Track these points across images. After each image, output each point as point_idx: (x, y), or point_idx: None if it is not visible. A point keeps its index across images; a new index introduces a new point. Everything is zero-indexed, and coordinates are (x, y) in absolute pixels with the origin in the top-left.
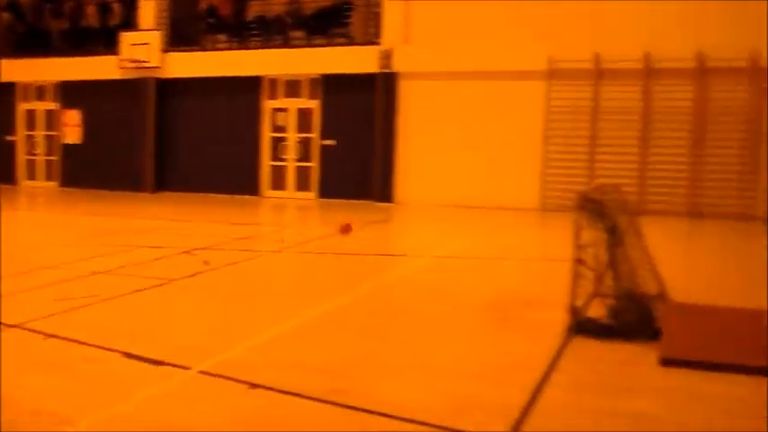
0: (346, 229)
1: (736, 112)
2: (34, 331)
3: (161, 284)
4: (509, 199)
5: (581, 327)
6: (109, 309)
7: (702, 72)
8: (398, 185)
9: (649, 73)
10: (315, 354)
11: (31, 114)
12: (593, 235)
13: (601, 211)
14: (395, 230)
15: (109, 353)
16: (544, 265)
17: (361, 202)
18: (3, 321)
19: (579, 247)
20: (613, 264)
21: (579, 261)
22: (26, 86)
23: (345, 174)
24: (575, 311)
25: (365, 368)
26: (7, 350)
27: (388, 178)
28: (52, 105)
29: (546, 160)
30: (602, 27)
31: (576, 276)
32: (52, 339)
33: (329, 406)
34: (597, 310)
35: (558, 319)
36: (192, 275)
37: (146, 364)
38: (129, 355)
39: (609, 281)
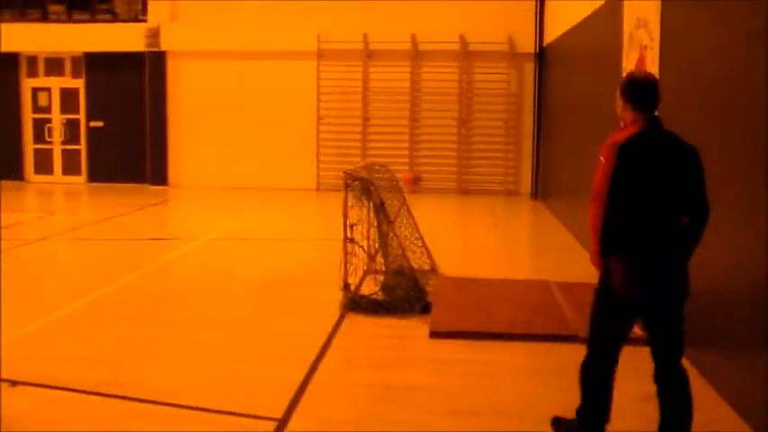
0: (416, 181)
1: (499, 94)
2: None
3: None
4: (286, 180)
5: (354, 304)
6: None
7: (466, 54)
8: (172, 168)
9: (417, 55)
10: (83, 345)
11: None
12: (363, 213)
13: (368, 189)
14: (168, 214)
15: None
16: (318, 244)
17: (133, 185)
18: None
19: (348, 225)
20: (383, 241)
21: (349, 239)
22: None
23: (116, 156)
24: (347, 289)
25: (137, 356)
26: None
27: (160, 160)
28: None
29: (320, 140)
30: (370, 8)
31: (347, 254)
32: None
33: (99, 397)
34: (369, 287)
35: (333, 298)
36: None
37: None
38: None
39: (380, 258)
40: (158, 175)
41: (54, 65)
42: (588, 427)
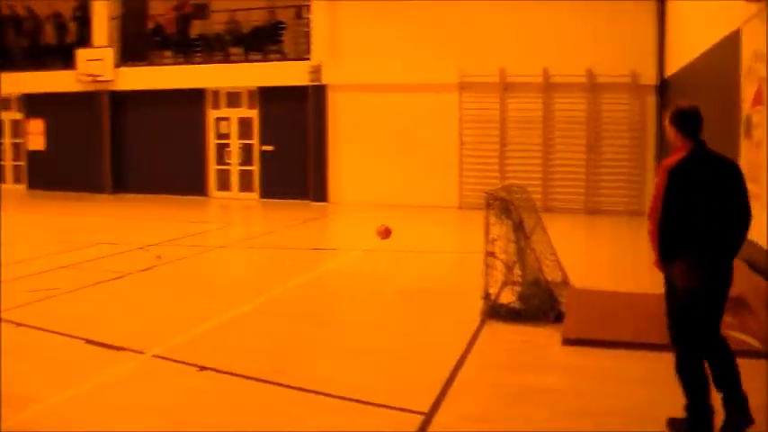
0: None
1: (623, 123)
2: (6, 321)
3: (118, 277)
4: (431, 198)
5: (493, 311)
6: (72, 299)
7: (593, 86)
8: (331, 186)
9: (548, 87)
10: (257, 338)
11: None
12: (502, 230)
13: (507, 208)
14: (328, 227)
15: (72, 339)
16: (460, 257)
17: (298, 201)
18: None
19: (490, 240)
20: (521, 255)
21: (490, 253)
22: None
23: (283, 176)
24: (487, 298)
25: (302, 351)
26: None
27: (321, 180)
28: (17, 115)
29: (462, 164)
30: (506, 45)
31: (488, 267)
32: (22, 327)
33: (269, 385)
34: (507, 297)
35: (474, 305)
36: (147, 269)
37: (105, 349)
38: (89, 342)
39: (517, 270)
40: (319, 193)
41: (233, 98)
42: (697, 422)
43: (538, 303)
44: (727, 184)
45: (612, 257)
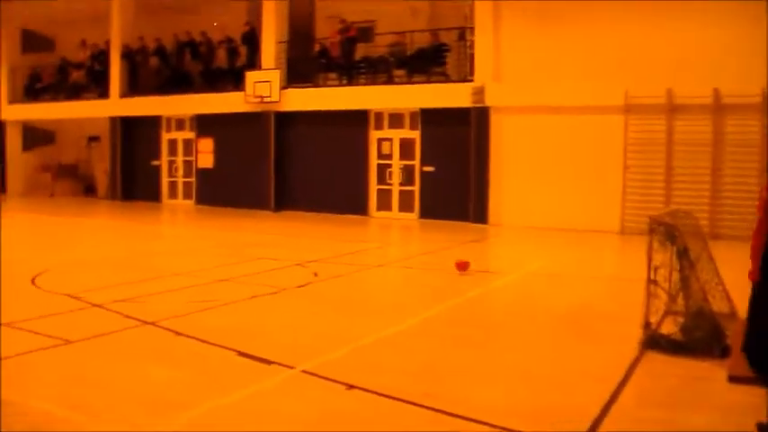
0: (463, 267)
1: None
2: (166, 329)
3: (275, 292)
4: (592, 222)
5: (653, 342)
6: (229, 312)
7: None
8: (492, 208)
9: (718, 108)
10: (409, 359)
11: (172, 143)
12: (666, 256)
13: (672, 234)
14: (487, 250)
15: (225, 351)
16: (621, 283)
17: (457, 222)
18: (142, 319)
19: (652, 267)
20: (685, 284)
21: (652, 281)
22: (169, 119)
23: (444, 197)
24: (648, 327)
25: (453, 374)
26: (141, 344)
27: (482, 201)
28: (189, 135)
29: (626, 187)
30: (673, 65)
31: (650, 295)
32: (180, 337)
33: (419, 408)
34: (669, 327)
35: (632, 334)
36: (303, 285)
37: (255, 362)
38: (241, 354)
39: (681, 300)
40: (480, 215)
41: (396, 119)
42: None
43: (702, 336)
44: None
45: None
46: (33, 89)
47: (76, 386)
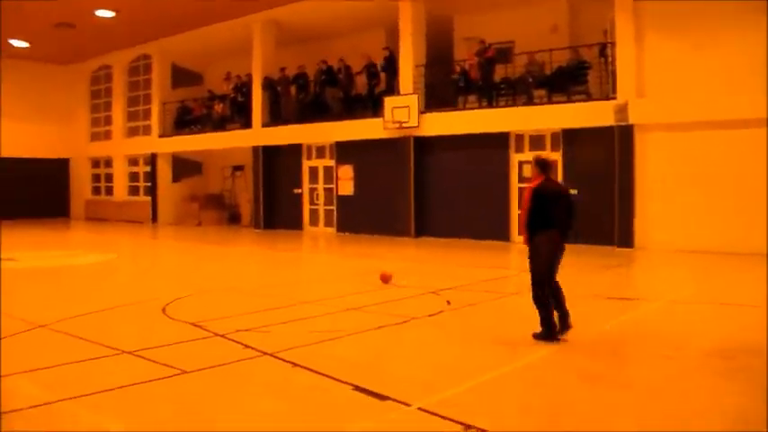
0: (386, 279)
1: None
2: (284, 360)
3: (403, 322)
4: (746, 245)
5: None
6: (351, 343)
7: None
8: (638, 231)
9: None
10: (534, 395)
11: (313, 170)
12: None
13: None
14: (631, 274)
15: (341, 385)
16: None
17: (601, 246)
18: (261, 349)
19: None
20: None
21: None
22: (309, 147)
23: (586, 219)
24: None
25: (580, 415)
26: (255, 376)
27: (627, 224)
28: (330, 162)
29: None
30: None
31: None
32: (297, 368)
33: None
34: None
35: None
36: (434, 314)
37: (370, 398)
38: (357, 388)
39: None
40: (625, 238)
41: (536, 140)
42: (548, 330)
43: None
44: (563, 197)
45: None
46: (182, 122)
47: (179, 419)
